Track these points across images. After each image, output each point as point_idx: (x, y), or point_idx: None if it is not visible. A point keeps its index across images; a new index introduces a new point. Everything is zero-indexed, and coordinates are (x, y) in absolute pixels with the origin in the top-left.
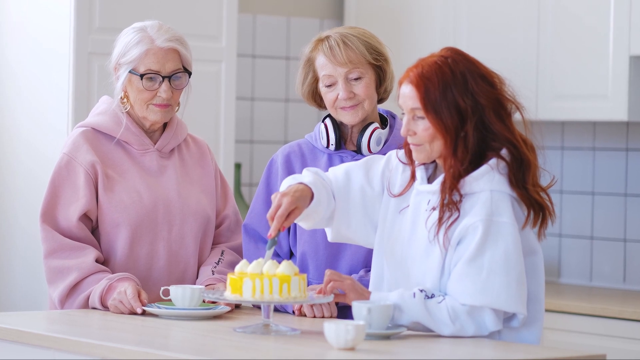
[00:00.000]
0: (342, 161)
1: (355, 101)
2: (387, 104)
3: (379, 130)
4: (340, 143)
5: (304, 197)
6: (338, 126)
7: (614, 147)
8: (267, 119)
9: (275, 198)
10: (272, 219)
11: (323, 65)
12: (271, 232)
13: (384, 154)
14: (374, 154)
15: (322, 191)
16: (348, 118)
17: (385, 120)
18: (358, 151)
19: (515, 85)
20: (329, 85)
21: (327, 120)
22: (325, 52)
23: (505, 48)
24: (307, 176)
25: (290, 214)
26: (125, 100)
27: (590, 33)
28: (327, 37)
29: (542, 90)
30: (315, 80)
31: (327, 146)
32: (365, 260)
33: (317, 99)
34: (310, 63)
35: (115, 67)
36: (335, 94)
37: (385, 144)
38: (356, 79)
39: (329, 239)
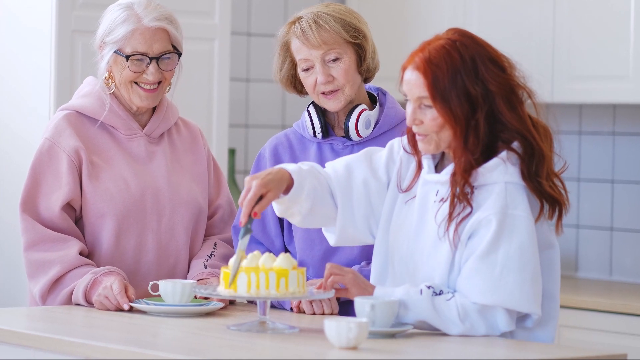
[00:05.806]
0: (332, 149)
1: (335, 86)
2: (376, 81)
3: (367, 112)
4: (328, 129)
5: (278, 180)
6: (323, 113)
7: (635, 131)
8: (263, 101)
9: (246, 182)
10: (242, 204)
11: (298, 49)
12: (241, 220)
13: (376, 136)
14: (365, 138)
15: (307, 179)
16: (330, 105)
17: (375, 99)
18: (347, 137)
19: (527, 69)
20: (307, 69)
21: (311, 108)
22: (298, 35)
23: (519, 26)
24: (292, 165)
25: (262, 198)
26: (109, 81)
27: (609, 10)
28: (299, 19)
29: (559, 71)
30: (293, 65)
31: (314, 135)
32: (361, 255)
33: (296, 85)
34: (286, 47)
35: (99, 46)
36: (313, 78)
37: (376, 126)
38: (334, 60)
39: (332, 243)
